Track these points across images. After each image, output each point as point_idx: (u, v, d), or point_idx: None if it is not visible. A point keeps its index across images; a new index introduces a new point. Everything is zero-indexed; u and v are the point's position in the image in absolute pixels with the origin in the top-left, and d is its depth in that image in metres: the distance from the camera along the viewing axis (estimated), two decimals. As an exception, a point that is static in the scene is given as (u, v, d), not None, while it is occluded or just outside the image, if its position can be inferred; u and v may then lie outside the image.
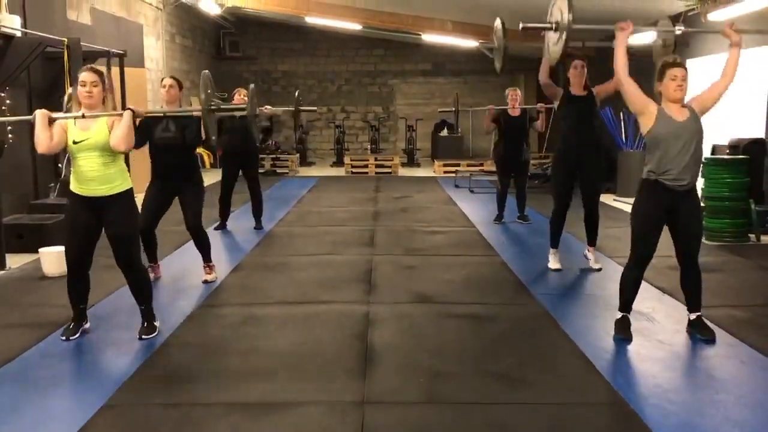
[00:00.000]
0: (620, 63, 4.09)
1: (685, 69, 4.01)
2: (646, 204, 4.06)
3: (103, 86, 3.99)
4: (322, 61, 18.12)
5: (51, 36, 7.35)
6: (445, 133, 16.60)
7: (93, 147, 3.94)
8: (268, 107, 7.80)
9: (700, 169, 4.12)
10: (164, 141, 5.19)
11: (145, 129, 5.12)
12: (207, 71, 4.61)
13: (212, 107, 4.31)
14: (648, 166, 4.04)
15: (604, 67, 5.59)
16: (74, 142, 3.93)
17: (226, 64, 17.81)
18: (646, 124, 4.01)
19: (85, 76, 3.94)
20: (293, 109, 7.83)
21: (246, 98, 7.66)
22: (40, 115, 3.92)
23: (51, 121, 3.93)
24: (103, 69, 4.15)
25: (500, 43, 5.00)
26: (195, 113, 5.11)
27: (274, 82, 18.18)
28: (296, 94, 8.05)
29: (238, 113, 6.45)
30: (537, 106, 8.25)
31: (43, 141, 3.90)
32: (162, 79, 5.56)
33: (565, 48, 4.16)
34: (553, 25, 4.26)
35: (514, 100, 8.03)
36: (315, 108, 8.34)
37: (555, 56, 4.43)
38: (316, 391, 3.40)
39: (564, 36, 4.02)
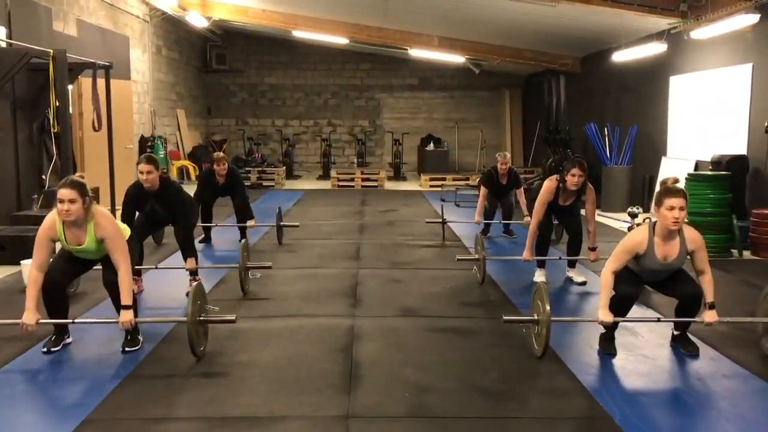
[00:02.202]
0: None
1: (685, 197, 3.85)
2: (622, 282, 4.04)
3: (83, 198, 3.88)
4: (309, 75, 18.16)
5: (37, 47, 7.31)
6: (431, 147, 16.67)
7: (88, 253, 4.10)
8: (251, 222, 7.65)
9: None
10: (153, 217, 5.43)
11: (132, 213, 5.30)
12: (202, 286, 4.21)
13: (201, 318, 4.08)
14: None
15: (589, 80, 5.65)
16: (68, 250, 4.10)
17: (213, 76, 17.80)
18: (633, 252, 4.00)
19: (62, 193, 3.84)
20: (275, 225, 7.84)
21: (225, 166, 7.46)
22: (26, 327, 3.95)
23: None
24: (85, 181, 3.96)
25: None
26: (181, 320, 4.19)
27: (260, 95, 18.19)
28: (278, 209, 8.00)
29: (224, 321, 5.92)
30: (524, 220, 7.71)
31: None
32: (137, 164, 5.31)
33: (546, 340, 3.96)
34: (535, 318, 4.11)
35: (504, 166, 7.85)
36: (297, 224, 8.23)
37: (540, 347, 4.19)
38: (300, 405, 3.37)
39: (544, 330, 3.95)
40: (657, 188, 4.03)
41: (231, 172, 7.55)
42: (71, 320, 4.16)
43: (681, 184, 4.00)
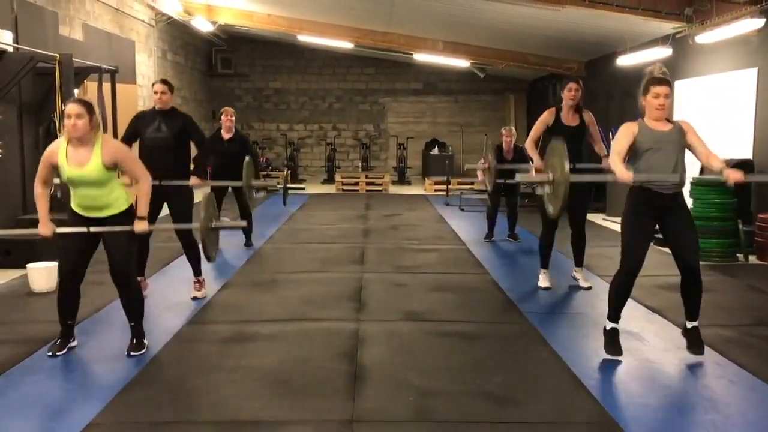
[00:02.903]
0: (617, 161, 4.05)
1: (669, 86, 3.97)
2: (634, 211, 4.07)
3: (91, 117, 3.90)
4: (314, 79, 18.19)
5: (43, 51, 7.35)
6: (435, 151, 16.68)
7: (89, 182, 3.94)
8: (257, 182, 7.70)
9: (686, 176, 4.11)
10: (155, 141, 5.25)
11: (134, 131, 5.32)
12: (212, 196, 4.63)
13: (212, 226, 4.27)
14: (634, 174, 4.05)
15: (593, 84, 5.65)
16: (68, 178, 3.95)
17: (218, 81, 17.85)
18: (632, 143, 4.02)
19: (70, 108, 3.88)
20: (282, 186, 8.01)
21: (233, 118, 7.62)
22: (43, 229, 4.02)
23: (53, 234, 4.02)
24: (92, 101, 4.05)
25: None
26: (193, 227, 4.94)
27: (265, 99, 18.23)
28: (285, 172, 8.16)
29: (235, 226, 6.27)
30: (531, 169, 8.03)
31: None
32: (153, 84, 5.52)
33: (564, 201, 4.12)
34: (548, 178, 4.14)
35: (509, 141, 7.92)
36: (303, 186, 8.53)
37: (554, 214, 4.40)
38: (305, 409, 3.37)
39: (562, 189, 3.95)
40: (644, 78, 4.04)
41: (237, 132, 7.72)
42: (86, 229, 4.00)
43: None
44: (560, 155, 3.96)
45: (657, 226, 4.11)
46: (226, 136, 7.59)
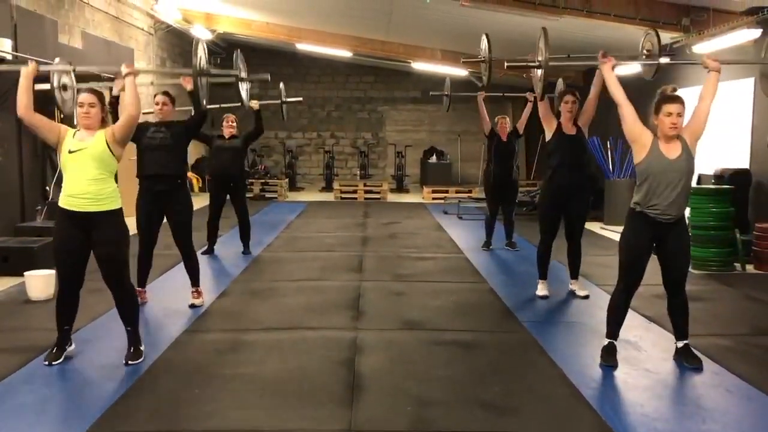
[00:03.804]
0: (614, 87, 4.15)
1: (682, 104, 3.96)
2: (632, 234, 4.10)
3: (102, 106, 4.07)
4: (313, 87, 18.23)
5: (42, 60, 7.35)
6: (434, 159, 16.71)
7: (88, 157, 3.93)
8: (255, 102, 7.73)
9: (687, 201, 4.16)
10: (153, 142, 5.25)
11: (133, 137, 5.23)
12: (201, 38, 4.64)
13: (203, 72, 4.32)
14: (635, 197, 4.08)
15: (590, 89, 5.70)
16: (70, 152, 3.93)
17: (217, 89, 17.85)
18: (638, 153, 4.04)
19: (83, 97, 4.02)
20: (279, 101, 8.00)
21: (234, 124, 7.70)
22: (25, 71, 4.08)
23: (37, 76, 4.12)
24: (105, 91, 4.18)
25: (486, 56, 5.27)
26: (184, 73, 5.21)
27: (264, 107, 18.19)
28: (281, 86, 8.40)
29: (227, 79, 6.37)
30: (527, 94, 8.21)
31: (21, 103, 4.01)
32: (155, 95, 5.52)
33: (544, 83, 4.32)
34: (537, 63, 4.38)
35: (504, 127, 8.14)
36: (300, 98, 8.73)
37: (540, 90, 4.60)
38: (303, 418, 3.37)
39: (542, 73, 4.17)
40: (656, 98, 4.07)
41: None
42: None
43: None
44: (545, 42, 4.21)
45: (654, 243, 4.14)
46: (227, 134, 7.61)
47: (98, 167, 3.95)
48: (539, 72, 4.62)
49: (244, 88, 5.97)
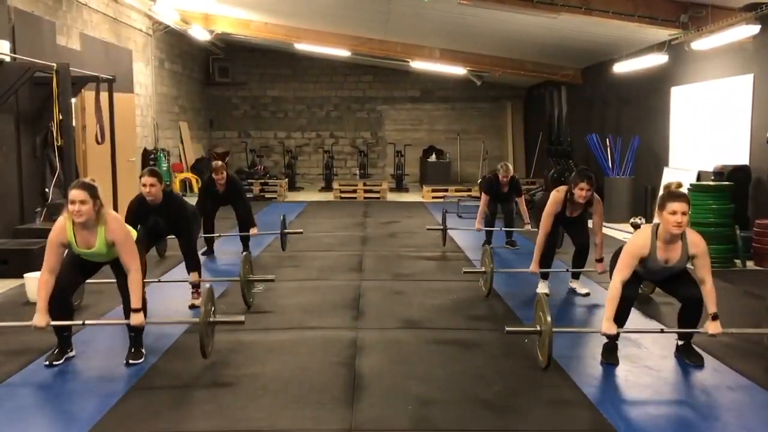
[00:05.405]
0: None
1: (688, 202, 3.83)
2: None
3: (94, 200, 3.92)
4: (311, 87, 18.22)
5: (40, 61, 7.35)
6: (433, 158, 16.70)
7: (98, 255, 4.11)
8: (254, 231, 7.64)
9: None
10: (155, 230, 5.44)
11: (134, 222, 5.14)
12: (211, 287, 4.29)
13: (210, 320, 4.19)
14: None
15: (590, 91, 5.68)
16: (79, 254, 4.12)
17: (216, 89, 17.87)
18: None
19: (73, 194, 3.90)
20: (279, 233, 7.91)
21: (224, 174, 7.42)
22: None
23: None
24: (96, 185, 4.00)
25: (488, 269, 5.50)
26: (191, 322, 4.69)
27: (263, 107, 18.25)
28: (282, 217, 8.08)
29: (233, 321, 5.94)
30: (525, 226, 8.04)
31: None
32: (140, 177, 5.27)
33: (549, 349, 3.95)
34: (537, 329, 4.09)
35: (505, 178, 7.91)
36: (301, 230, 8.47)
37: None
38: (304, 418, 3.36)
39: (547, 340, 3.95)
40: (660, 192, 4.02)
41: (231, 180, 7.55)
42: (81, 322, 4.23)
43: (684, 190, 4.01)
44: (543, 309, 3.99)
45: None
46: (221, 189, 7.49)
47: (108, 254, 4.11)
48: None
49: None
